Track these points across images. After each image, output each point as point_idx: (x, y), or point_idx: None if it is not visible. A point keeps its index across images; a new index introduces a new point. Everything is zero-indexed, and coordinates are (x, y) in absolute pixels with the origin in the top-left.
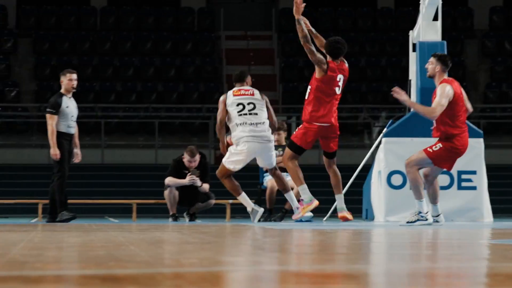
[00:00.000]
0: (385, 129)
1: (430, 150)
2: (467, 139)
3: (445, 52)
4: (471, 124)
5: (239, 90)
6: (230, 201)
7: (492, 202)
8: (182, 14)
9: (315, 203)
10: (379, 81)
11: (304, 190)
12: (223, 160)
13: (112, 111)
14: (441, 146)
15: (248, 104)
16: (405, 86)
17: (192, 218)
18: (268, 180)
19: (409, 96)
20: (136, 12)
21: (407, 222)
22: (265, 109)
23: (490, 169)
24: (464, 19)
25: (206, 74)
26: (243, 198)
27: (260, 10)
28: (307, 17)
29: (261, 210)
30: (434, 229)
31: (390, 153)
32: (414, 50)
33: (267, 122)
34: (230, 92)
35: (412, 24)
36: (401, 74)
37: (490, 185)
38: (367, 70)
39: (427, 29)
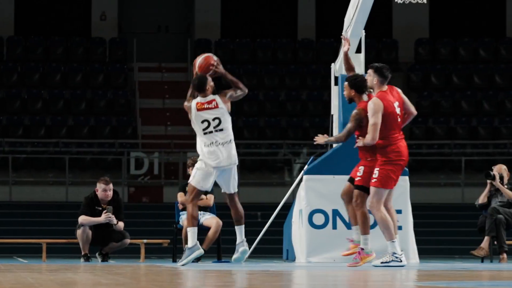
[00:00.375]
0: (306, 166)
1: (373, 180)
2: (403, 148)
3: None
4: None
5: (202, 104)
6: (145, 241)
7: (418, 242)
8: (93, 44)
9: (373, 255)
10: (299, 116)
11: (368, 240)
12: (189, 180)
13: (20, 146)
14: (378, 169)
15: (214, 119)
16: (327, 121)
17: (105, 258)
18: (184, 219)
19: (332, 131)
20: (44, 42)
21: (381, 263)
22: (229, 120)
23: (415, 208)
24: (389, 52)
25: (118, 108)
26: (193, 232)
27: (175, 41)
28: (224, 48)
29: (202, 252)
30: (358, 271)
31: (312, 191)
32: (336, 84)
33: (232, 138)
34: (193, 104)
35: (334, 56)
36: (323, 109)
37: (416, 225)
38: (287, 104)
39: None
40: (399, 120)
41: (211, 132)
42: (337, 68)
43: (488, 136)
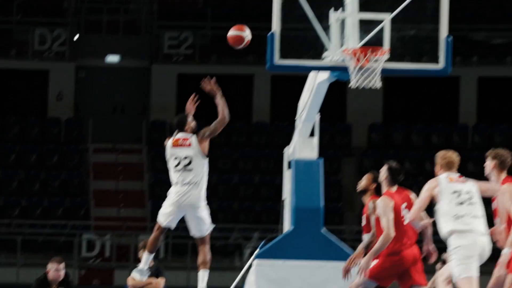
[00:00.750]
0: (257, 250)
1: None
2: (406, 254)
3: (321, 170)
4: (343, 248)
5: (177, 140)
6: None
7: None
8: (49, 124)
9: None
10: (252, 200)
11: None
12: None
13: None
14: (376, 261)
15: (185, 158)
16: (279, 205)
17: None
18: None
19: (282, 216)
20: None
21: None
22: (202, 163)
23: None
24: (342, 136)
25: (72, 189)
26: (147, 258)
27: (130, 122)
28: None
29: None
30: None
31: (262, 276)
32: (289, 168)
33: (204, 182)
34: (170, 141)
35: (288, 140)
36: (275, 193)
37: None
38: (240, 187)
39: (303, 146)
40: (404, 222)
41: (180, 170)
42: (290, 152)
43: None
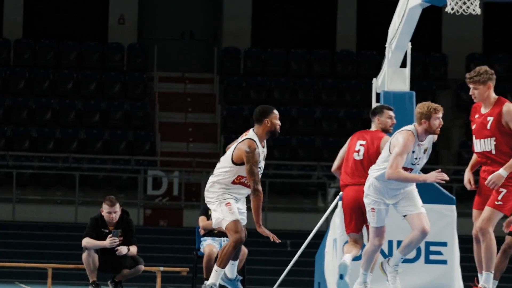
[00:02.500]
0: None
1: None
2: None
3: (414, 103)
4: (441, 189)
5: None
6: (161, 268)
7: (465, 278)
8: (110, 50)
9: None
10: (336, 135)
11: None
12: None
13: (26, 160)
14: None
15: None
16: None
17: (117, 286)
18: (206, 246)
19: None
20: (56, 46)
21: None
22: (227, 167)
23: (463, 240)
24: (437, 67)
25: (136, 121)
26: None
27: (200, 49)
28: (255, 58)
29: None
30: None
31: None
32: (378, 101)
33: (214, 178)
34: None
35: (376, 70)
36: (362, 128)
37: (463, 259)
38: (323, 122)
39: (393, 77)
40: None
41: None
42: (379, 83)
43: None
